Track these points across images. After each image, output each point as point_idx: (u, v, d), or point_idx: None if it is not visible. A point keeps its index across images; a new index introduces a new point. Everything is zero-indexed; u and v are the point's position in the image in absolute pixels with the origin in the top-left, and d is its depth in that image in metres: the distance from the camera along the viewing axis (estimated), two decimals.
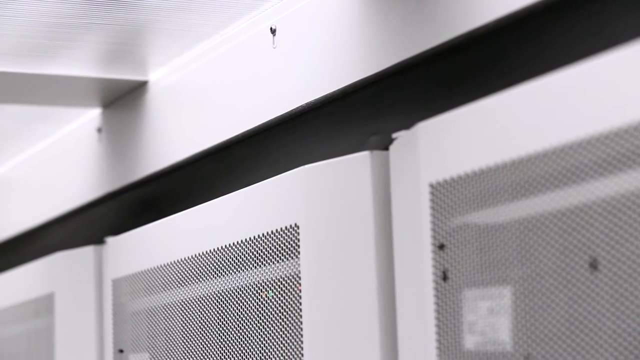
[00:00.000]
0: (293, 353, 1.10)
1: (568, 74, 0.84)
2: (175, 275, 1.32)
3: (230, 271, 1.21)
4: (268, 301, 1.15)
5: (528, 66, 0.98)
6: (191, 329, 1.28)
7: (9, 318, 1.74)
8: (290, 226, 1.10)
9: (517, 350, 0.88)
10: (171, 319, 1.33)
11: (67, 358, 1.55)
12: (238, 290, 1.20)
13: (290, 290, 1.11)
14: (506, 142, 0.89)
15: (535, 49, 0.98)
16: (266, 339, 1.15)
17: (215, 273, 1.24)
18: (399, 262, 1.01)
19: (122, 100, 1.64)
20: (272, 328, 1.14)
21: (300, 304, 1.09)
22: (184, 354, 1.30)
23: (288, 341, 1.11)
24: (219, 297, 1.23)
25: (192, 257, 1.28)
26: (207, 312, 1.25)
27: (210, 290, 1.25)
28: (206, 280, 1.26)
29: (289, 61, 1.29)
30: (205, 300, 1.26)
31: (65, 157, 1.83)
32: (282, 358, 1.12)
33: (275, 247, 1.13)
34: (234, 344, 1.20)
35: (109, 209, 1.71)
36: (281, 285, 1.13)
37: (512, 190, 0.89)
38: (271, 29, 1.32)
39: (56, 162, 1.86)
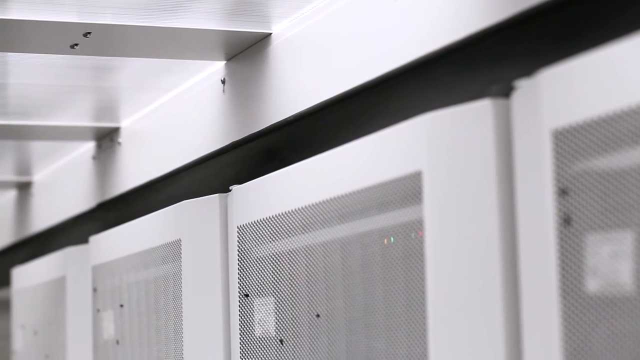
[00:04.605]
0: (415, 297, 1.12)
1: None
2: (298, 222, 1.34)
3: (353, 218, 1.23)
4: (390, 247, 1.17)
5: None
6: (314, 274, 1.30)
7: (138, 263, 1.77)
8: (414, 173, 1.12)
9: None
10: (295, 265, 1.35)
11: (193, 302, 1.56)
12: (360, 236, 1.22)
13: (412, 236, 1.13)
14: (628, 88, 0.90)
15: None
16: (388, 283, 1.17)
17: (337, 220, 1.26)
18: (521, 207, 1.03)
19: (245, 52, 1.67)
20: (393, 273, 1.16)
21: (422, 249, 1.11)
22: (308, 299, 1.32)
23: (410, 285, 1.13)
24: (341, 243, 1.25)
25: (314, 204, 1.30)
26: (329, 257, 1.27)
27: (333, 237, 1.27)
28: (328, 227, 1.28)
29: (410, 12, 1.30)
30: (328, 247, 1.28)
31: (191, 108, 1.84)
32: (404, 302, 1.14)
33: (398, 194, 1.15)
34: (356, 289, 1.23)
35: (233, 158, 1.73)
36: (403, 232, 1.15)
37: (634, 136, 0.90)
38: None
39: (182, 114, 1.87)
